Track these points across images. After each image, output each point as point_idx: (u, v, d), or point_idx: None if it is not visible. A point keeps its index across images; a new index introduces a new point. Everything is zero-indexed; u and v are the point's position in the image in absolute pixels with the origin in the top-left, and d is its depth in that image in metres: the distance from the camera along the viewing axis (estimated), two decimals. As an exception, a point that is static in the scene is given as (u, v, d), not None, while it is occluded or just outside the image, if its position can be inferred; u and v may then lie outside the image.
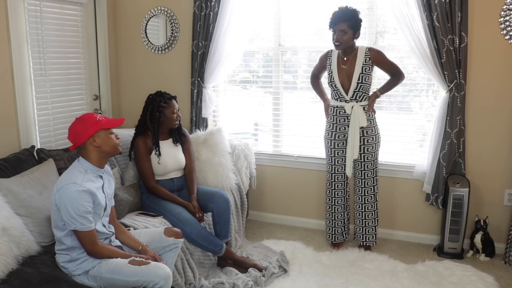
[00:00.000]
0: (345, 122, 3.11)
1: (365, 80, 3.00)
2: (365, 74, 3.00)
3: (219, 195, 2.96)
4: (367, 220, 3.22)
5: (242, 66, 3.92)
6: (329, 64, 3.12)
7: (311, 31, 3.64)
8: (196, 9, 3.55)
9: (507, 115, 3.11)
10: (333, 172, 3.25)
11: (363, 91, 3.04)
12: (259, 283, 2.76)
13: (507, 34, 3.00)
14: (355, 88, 3.02)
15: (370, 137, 3.09)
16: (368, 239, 3.24)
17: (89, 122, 2.12)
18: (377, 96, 3.08)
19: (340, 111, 3.11)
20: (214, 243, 2.82)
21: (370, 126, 3.08)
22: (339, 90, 3.06)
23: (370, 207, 3.20)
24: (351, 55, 3.03)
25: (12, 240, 2.11)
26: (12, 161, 2.60)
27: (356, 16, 2.95)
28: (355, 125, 3.04)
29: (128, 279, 2.07)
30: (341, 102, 3.09)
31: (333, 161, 3.23)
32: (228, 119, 3.97)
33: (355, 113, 3.03)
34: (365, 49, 3.02)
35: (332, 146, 3.21)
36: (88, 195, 2.05)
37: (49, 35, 3.26)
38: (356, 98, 3.05)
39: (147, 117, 2.93)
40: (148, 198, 2.93)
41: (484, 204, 3.25)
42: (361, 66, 2.99)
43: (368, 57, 3.00)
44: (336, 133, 3.17)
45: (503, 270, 3.01)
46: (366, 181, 3.16)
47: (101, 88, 3.83)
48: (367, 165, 3.12)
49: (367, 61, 3.00)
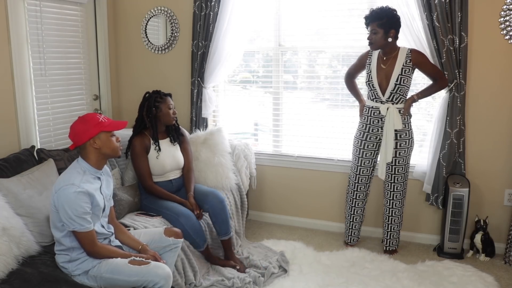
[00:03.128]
0: (379, 124, 3.06)
1: (403, 82, 2.95)
2: (404, 76, 2.94)
3: (213, 195, 2.96)
4: (392, 224, 3.21)
5: (242, 66, 3.92)
6: (369, 63, 3.06)
7: (311, 31, 3.64)
8: (196, 9, 3.55)
9: (507, 115, 3.11)
10: (358, 173, 3.20)
11: (401, 93, 2.98)
12: (258, 283, 2.76)
13: (507, 34, 3.00)
14: (392, 89, 2.96)
15: (403, 140, 3.04)
16: (392, 243, 3.25)
17: (91, 123, 2.11)
18: (414, 100, 3.01)
19: (375, 112, 3.06)
20: (202, 238, 2.82)
21: (404, 129, 3.03)
22: (376, 90, 3.01)
23: (397, 212, 3.18)
24: (391, 56, 2.98)
25: (12, 240, 2.11)
26: (12, 161, 2.60)
27: (388, 14, 2.89)
28: (389, 127, 2.99)
29: (128, 279, 2.07)
30: (377, 103, 3.04)
31: (360, 162, 3.18)
32: (228, 119, 3.97)
33: (390, 115, 2.98)
34: (407, 50, 2.97)
35: (362, 146, 3.15)
36: (86, 196, 2.05)
37: (49, 35, 3.26)
38: (393, 100, 3.00)
39: (144, 113, 2.94)
40: (146, 199, 2.93)
41: (484, 204, 3.25)
42: (400, 67, 2.94)
43: (409, 59, 2.95)
44: (368, 134, 3.12)
45: (503, 270, 3.01)
46: (395, 185, 3.12)
47: (101, 88, 3.83)
48: (398, 169, 3.08)
49: (408, 62, 2.95)
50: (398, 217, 3.20)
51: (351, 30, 3.45)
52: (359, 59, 3.18)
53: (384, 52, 3.01)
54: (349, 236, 3.37)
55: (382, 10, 2.91)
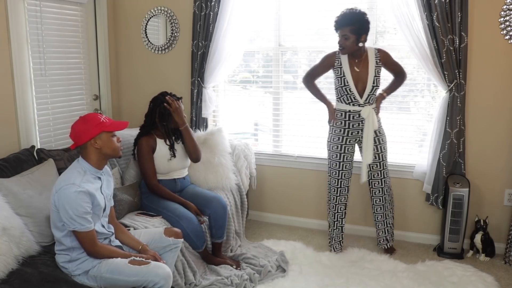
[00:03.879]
0: (359, 127, 3.04)
1: (377, 82, 2.96)
2: (377, 76, 2.96)
3: (217, 201, 2.98)
4: (388, 222, 3.22)
5: (242, 66, 3.92)
6: (339, 66, 2.98)
7: (311, 31, 3.64)
8: (196, 9, 3.55)
9: (507, 115, 3.11)
10: (340, 177, 3.13)
11: (375, 94, 3.00)
12: (253, 280, 2.79)
13: (507, 34, 3.00)
14: (370, 91, 2.96)
15: (381, 137, 3.07)
16: (392, 240, 3.26)
17: (93, 123, 2.11)
18: (384, 97, 3.04)
19: (353, 115, 3.01)
20: (202, 240, 2.84)
21: (380, 127, 3.06)
22: (353, 94, 2.95)
23: (390, 209, 3.21)
24: (361, 58, 2.96)
25: (12, 240, 2.11)
26: (12, 161, 2.60)
27: (360, 20, 2.84)
28: (369, 128, 2.99)
29: (128, 279, 2.07)
30: (355, 106, 2.99)
31: (341, 166, 3.11)
32: (228, 119, 3.97)
33: (370, 116, 2.98)
34: (374, 51, 2.97)
35: (342, 151, 3.09)
36: (87, 196, 2.05)
37: (49, 35, 3.26)
38: (369, 101, 3.00)
39: (156, 119, 2.94)
40: (147, 198, 2.94)
41: (484, 204, 3.25)
42: (374, 69, 2.94)
43: (378, 59, 2.96)
44: (348, 138, 3.07)
45: (503, 270, 3.01)
46: (385, 180, 3.13)
47: (101, 88, 3.83)
48: (383, 164, 3.10)
49: (378, 63, 2.96)
50: (392, 214, 3.23)
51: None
52: (324, 60, 3.06)
53: (353, 55, 2.96)
54: (335, 243, 3.27)
55: (354, 14, 2.85)
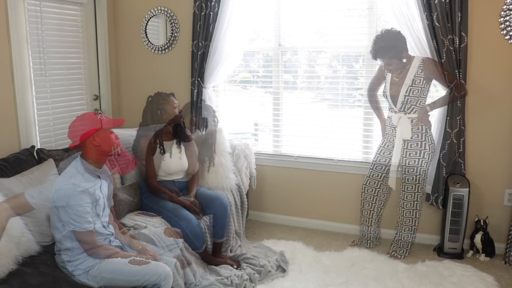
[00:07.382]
0: (393, 133, 3.10)
1: (413, 93, 2.93)
2: (414, 86, 2.93)
3: (218, 201, 2.98)
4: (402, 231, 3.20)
5: (242, 66, 3.92)
6: (386, 74, 3.08)
7: (311, 31, 3.64)
8: (196, 9, 3.55)
9: (507, 115, 3.11)
10: (369, 176, 3.25)
11: (413, 104, 2.97)
12: (253, 280, 2.79)
13: (507, 34, 3.00)
14: (402, 100, 2.97)
15: (413, 151, 3.02)
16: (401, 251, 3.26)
17: (90, 121, 2.13)
18: (427, 110, 3.00)
19: (390, 121, 3.12)
20: (201, 241, 2.84)
21: (416, 139, 3.01)
22: (389, 101, 3.06)
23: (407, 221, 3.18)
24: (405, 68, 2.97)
25: (12, 240, 2.11)
26: (12, 161, 2.61)
27: (395, 44, 2.86)
28: (398, 136, 3.03)
29: (128, 278, 2.07)
30: (391, 113, 3.10)
31: (373, 166, 3.23)
32: (228, 119, 3.97)
33: (401, 125, 3.01)
34: (420, 61, 2.94)
35: (378, 151, 3.22)
36: (87, 195, 2.05)
37: (49, 35, 3.26)
38: (405, 110, 3.00)
39: (148, 118, 2.95)
40: (147, 198, 2.94)
41: (484, 204, 3.25)
42: (411, 79, 2.93)
43: (421, 69, 2.94)
44: (387, 142, 3.18)
45: (503, 270, 3.01)
46: (406, 194, 3.10)
47: (101, 88, 3.83)
48: (408, 178, 3.06)
49: (419, 73, 2.93)
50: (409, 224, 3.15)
51: (351, 30, 3.45)
52: (378, 70, 3.18)
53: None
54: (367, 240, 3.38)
55: (388, 40, 2.86)
